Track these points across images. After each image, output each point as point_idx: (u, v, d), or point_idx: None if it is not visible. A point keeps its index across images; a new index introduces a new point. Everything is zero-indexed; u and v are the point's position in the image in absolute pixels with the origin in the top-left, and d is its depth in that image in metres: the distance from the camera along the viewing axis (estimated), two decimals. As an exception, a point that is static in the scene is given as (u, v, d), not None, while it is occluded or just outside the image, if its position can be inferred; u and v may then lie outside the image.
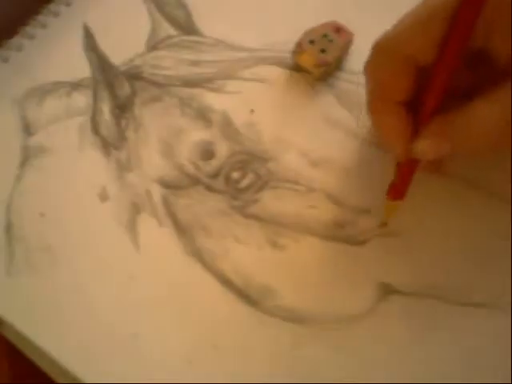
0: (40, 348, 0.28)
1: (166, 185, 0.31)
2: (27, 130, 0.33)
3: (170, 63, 0.35)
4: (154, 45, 0.36)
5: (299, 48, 0.33)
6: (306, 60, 0.33)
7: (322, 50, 0.33)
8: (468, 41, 0.24)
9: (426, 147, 0.26)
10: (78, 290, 0.29)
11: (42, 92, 0.34)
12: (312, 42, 0.33)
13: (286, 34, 0.35)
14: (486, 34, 0.24)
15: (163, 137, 0.33)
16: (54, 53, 0.36)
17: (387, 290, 0.28)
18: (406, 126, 0.26)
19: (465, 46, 0.24)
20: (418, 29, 0.25)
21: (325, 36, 0.33)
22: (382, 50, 0.26)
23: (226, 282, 0.29)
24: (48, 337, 0.28)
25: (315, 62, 0.33)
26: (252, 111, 0.33)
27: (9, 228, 0.31)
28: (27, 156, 0.33)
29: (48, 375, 0.29)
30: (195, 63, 0.35)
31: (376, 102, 0.27)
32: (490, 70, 0.25)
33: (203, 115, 0.33)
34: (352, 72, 0.34)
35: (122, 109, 0.34)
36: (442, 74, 0.25)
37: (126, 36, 0.36)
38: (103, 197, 0.31)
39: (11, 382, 0.30)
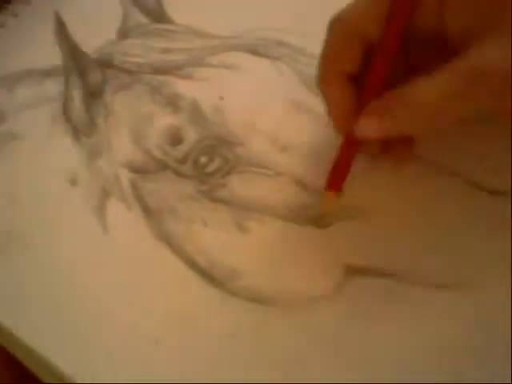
0: (7, 331, 0.29)
1: (135, 169, 0.32)
2: (-2, 117, 0.34)
3: (141, 51, 0.36)
4: (125, 32, 0.36)
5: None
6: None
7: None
8: (409, 16, 0.25)
9: (367, 125, 0.26)
10: (48, 273, 0.30)
11: (13, 80, 0.35)
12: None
13: (255, 21, 0.35)
14: (438, 13, 0.25)
15: (133, 123, 0.33)
16: (26, 41, 0.36)
17: (351, 272, 0.29)
18: (350, 99, 0.27)
19: (404, 24, 0.25)
20: (369, 4, 0.26)
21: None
22: (335, 23, 0.27)
23: (192, 264, 0.29)
24: (16, 319, 0.29)
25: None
26: (221, 98, 0.34)
27: (-20, 213, 0.31)
28: (-2, 143, 0.33)
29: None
30: (166, 50, 0.36)
31: (324, 71, 0.28)
32: (444, 50, 0.26)
33: (172, 102, 0.34)
34: (314, 56, 0.34)
35: (93, 96, 0.34)
36: (384, 50, 0.26)
37: (98, 24, 0.36)
38: (73, 181, 0.32)
39: (11, 382, 0.31)
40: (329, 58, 0.28)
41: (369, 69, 0.27)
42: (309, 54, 0.35)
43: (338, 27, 0.27)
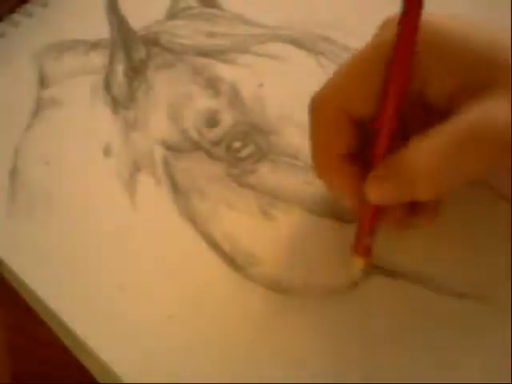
0: (30, 288, 0.29)
1: (169, 147, 0.32)
2: (42, 82, 0.34)
3: (187, 33, 0.36)
4: (174, 13, 0.37)
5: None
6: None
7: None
8: (406, 87, 0.24)
9: (373, 191, 0.25)
10: (73, 238, 0.30)
11: (62, 48, 0.36)
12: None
13: (302, 14, 0.35)
14: (424, 78, 0.24)
15: (171, 102, 0.34)
16: (77, 12, 0.37)
17: (372, 270, 0.29)
18: (352, 178, 0.26)
19: (404, 93, 0.24)
20: (352, 81, 0.25)
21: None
22: (318, 106, 0.26)
23: (214, 245, 0.30)
24: (39, 279, 0.29)
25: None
26: (261, 85, 0.34)
27: (14, 172, 0.32)
28: (39, 107, 0.34)
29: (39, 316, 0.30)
30: (211, 35, 0.36)
31: (319, 160, 0.27)
32: (428, 114, 0.25)
33: (213, 85, 0.34)
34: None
35: (135, 71, 0.35)
36: (384, 129, 0.25)
37: (148, 2, 0.37)
38: (107, 152, 0.32)
39: (11, 381, 0.31)
40: (320, 145, 0.27)
41: (366, 145, 0.26)
42: (353, 51, 0.34)
43: (322, 110, 0.26)
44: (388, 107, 0.25)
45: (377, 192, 0.25)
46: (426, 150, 0.24)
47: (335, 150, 0.26)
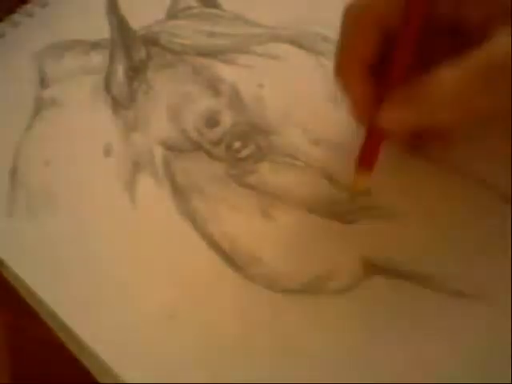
0: (30, 288, 0.29)
1: (169, 147, 0.32)
2: (43, 82, 0.35)
3: (187, 33, 0.36)
4: (174, 13, 0.37)
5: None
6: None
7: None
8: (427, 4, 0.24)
9: (389, 115, 0.25)
10: (73, 238, 0.30)
11: (62, 48, 0.36)
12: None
13: (302, 13, 0.35)
14: (458, 1, 0.24)
15: (172, 102, 0.34)
16: (77, 12, 0.37)
17: (371, 270, 0.29)
18: (370, 89, 0.26)
19: (426, 8, 0.24)
20: None
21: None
22: (351, 9, 0.26)
23: (213, 245, 0.30)
24: (39, 280, 0.29)
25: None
26: (261, 86, 0.34)
27: (14, 172, 0.32)
28: (40, 107, 0.34)
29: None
30: (211, 35, 0.36)
31: (342, 62, 0.27)
32: (462, 40, 0.25)
33: (213, 85, 0.34)
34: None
35: (135, 71, 0.35)
36: (406, 36, 0.25)
37: (148, 2, 0.37)
38: (107, 152, 0.32)
39: (11, 381, 0.31)
40: (346, 47, 0.27)
41: (389, 57, 0.26)
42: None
43: (355, 14, 0.26)
44: (410, 23, 0.25)
45: (393, 117, 0.25)
46: (452, 76, 0.23)
47: (360, 54, 0.26)
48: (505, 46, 0.23)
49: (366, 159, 0.28)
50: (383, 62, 0.26)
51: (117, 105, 0.34)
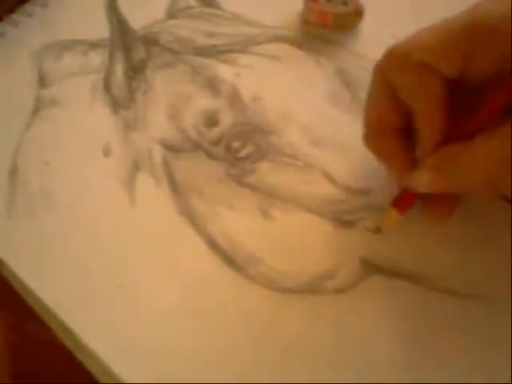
0: (30, 288, 0.29)
1: (168, 147, 0.32)
2: (42, 82, 0.35)
3: (187, 32, 0.36)
4: (173, 13, 0.37)
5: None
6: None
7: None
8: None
9: (422, 179, 0.25)
10: (72, 237, 0.30)
11: (61, 47, 0.36)
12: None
13: (302, 14, 0.35)
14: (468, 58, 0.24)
15: (171, 101, 0.34)
16: (77, 11, 0.37)
17: (370, 270, 0.29)
18: (403, 153, 0.26)
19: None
20: (445, 37, 0.24)
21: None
22: (396, 55, 0.25)
23: (213, 244, 0.30)
24: (39, 279, 0.29)
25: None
26: (260, 86, 0.34)
27: (13, 172, 0.32)
28: (39, 106, 0.34)
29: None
30: (211, 35, 0.36)
31: (372, 127, 0.27)
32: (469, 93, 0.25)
33: (212, 85, 0.34)
34: (362, 57, 0.34)
35: (134, 71, 0.35)
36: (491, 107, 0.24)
37: (148, 2, 0.37)
38: (107, 152, 0.32)
39: (11, 381, 0.31)
40: (377, 111, 0.27)
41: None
42: (352, 52, 0.35)
43: (399, 57, 0.25)
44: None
45: (425, 179, 0.25)
46: (495, 147, 0.23)
47: (391, 120, 0.26)
48: None
49: (401, 204, 0.28)
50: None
51: (116, 104, 0.34)
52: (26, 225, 0.31)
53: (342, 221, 0.30)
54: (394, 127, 0.27)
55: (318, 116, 0.33)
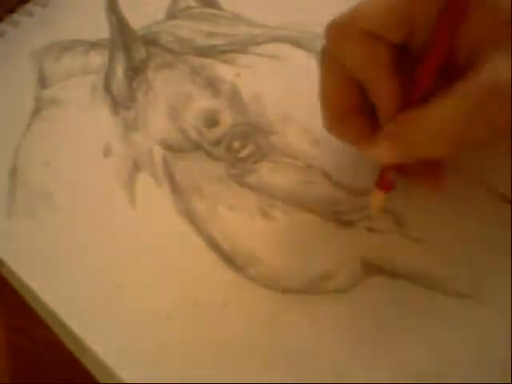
0: (30, 288, 0.29)
1: (169, 147, 0.32)
2: (42, 82, 0.35)
3: (187, 33, 0.36)
4: (173, 13, 0.37)
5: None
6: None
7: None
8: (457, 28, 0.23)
9: (381, 150, 0.25)
10: (73, 238, 0.30)
11: (61, 48, 0.36)
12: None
13: (302, 14, 0.35)
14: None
15: (171, 101, 0.34)
16: (77, 11, 0.37)
17: (370, 270, 0.29)
18: (366, 131, 0.26)
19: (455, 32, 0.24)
20: (385, 4, 0.24)
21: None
22: (338, 28, 0.25)
23: (213, 245, 0.30)
24: (39, 280, 0.29)
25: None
26: (260, 85, 0.34)
27: (14, 172, 0.32)
28: (39, 107, 0.34)
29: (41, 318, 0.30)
30: (211, 35, 0.36)
31: (330, 112, 0.27)
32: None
33: (212, 85, 0.34)
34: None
35: (135, 71, 0.35)
36: (428, 65, 0.24)
37: (148, 2, 0.37)
38: (107, 152, 0.32)
39: (11, 381, 0.31)
40: (332, 95, 0.27)
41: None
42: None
43: (347, 34, 0.24)
44: (437, 48, 0.24)
45: (387, 150, 0.25)
46: (453, 106, 0.23)
47: (348, 100, 0.26)
48: (490, 72, 0.22)
49: (383, 183, 0.28)
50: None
51: (116, 105, 0.34)
52: (27, 225, 0.31)
53: (342, 221, 0.30)
54: (353, 106, 0.26)
55: (318, 116, 0.32)
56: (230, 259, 0.29)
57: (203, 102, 0.33)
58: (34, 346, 0.31)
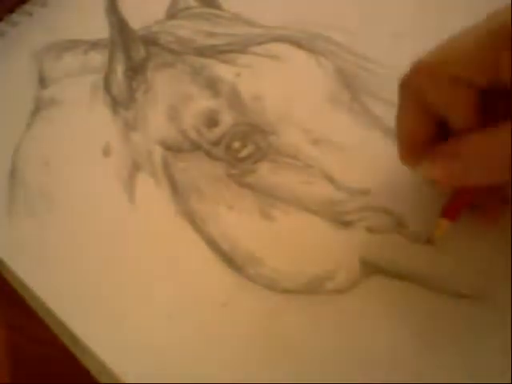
0: (30, 288, 0.29)
1: (168, 147, 0.32)
2: (42, 82, 0.35)
3: (187, 33, 0.36)
4: (173, 13, 0.37)
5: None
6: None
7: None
8: None
9: (431, 166, 0.25)
10: (72, 237, 0.30)
11: (61, 48, 0.36)
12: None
13: (301, 14, 0.35)
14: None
15: (171, 101, 0.34)
16: (77, 11, 0.37)
17: (370, 270, 0.29)
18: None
19: None
20: (473, 48, 0.23)
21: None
22: (426, 69, 0.25)
23: (213, 245, 0.30)
24: (39, 279, 0.30)
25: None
26: (260, 85, 0.34)
27: (13, 172, 0.32)
28: (39, 106, 0.34)
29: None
30: (211, 35, 0.36)
31: (409, 145, 0.27)
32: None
33: (212, 85, 0.34)
34: (362, 57, 0.34)
35: (135, 71, 0.35)
36: None
37: (148, 3, 0.37)
38: (106, 152, 0.32)
39: (11, 381, 0.31)
40: (409, 126, 0.27)
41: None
42: (352, 52, 0.35)
43: (430, 73, 0.24)
44: None
45: (439, 168, 0.25)
46: (500, 139, 0.23)
47: (424, 134, 0.26)
48: None
49: (451, 212, 0.28)
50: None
51: (116, 104, 0.34)
52: (26, 224, 0.31)
53: (342, 221, 0.30)
54: (428, 138, 0.26)
55: (318, 116, 0.33)
56: (229, 259, 0.29)
57: (203, 101, 0.33)
58: (34, 346, 0.31)
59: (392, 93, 0.32)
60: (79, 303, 0.29)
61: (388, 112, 0.32)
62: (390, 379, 0.26)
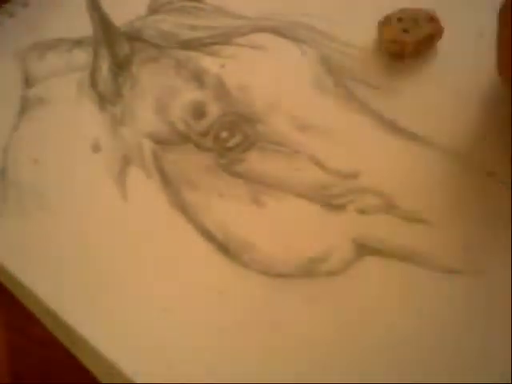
0: (23, 287, 0.29)
1: (157, 140, 0.32)
2: (27, 81, 0.35)
3: (170, 27, 0.36)
4: (155, 8, 0.37)
5: (387, 21, 0.34)
6: (386, 32, 0.34)
7: (405, 30, 0.33)
8: None
9: None
10: (65, 235, 0.30)
11: (45, 47, 0.36)
12: (400, 19, 0.34)
13: (283, 4, 0.36)
14: None
15: (158, 95, 0.34)
16: (59, 10, 0.37)
17: (363, 251, 0.29)
18: None
19: None
20: None
21: (415, 20, 0.34)
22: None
23: (206, 234, 0.30)
24: (32, 278, 0.29)
25: (392, 37, 0.33)
26: (245, 75, 0.34)
27: (3, 172, 0.32)
28: (25, 106, 0.34)
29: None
30: (194, 28, 0.36)
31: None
32: None
33: (198, 77, 0.34)
34: (341, 42, 0.35)
35: (120, 67, 0.35)
36: None
37: (129, -2, 0.37)
38: (95, 148, 0.32)
39: (11, 381, 0.31)
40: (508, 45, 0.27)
41: None
42: (338, 40, 0.35)
43: None
44: None
45: None
46: None
47: None
48: None
49: None
50: None
51: (103, 100, 0.34)
52: (18, 223, 0.31)
53: (333, 204, 0.30)
54: None
55: (303, 102, 0.33)
56: (223, 247, 0.29)
57: (189, 94, 0.34)
58: (34, 346, 0.31)
59: (376, 76, 0.32)
60: (73, 299, 0.29)
61: (373, 95, 0.32)
62: (387, 360, 0.26)
